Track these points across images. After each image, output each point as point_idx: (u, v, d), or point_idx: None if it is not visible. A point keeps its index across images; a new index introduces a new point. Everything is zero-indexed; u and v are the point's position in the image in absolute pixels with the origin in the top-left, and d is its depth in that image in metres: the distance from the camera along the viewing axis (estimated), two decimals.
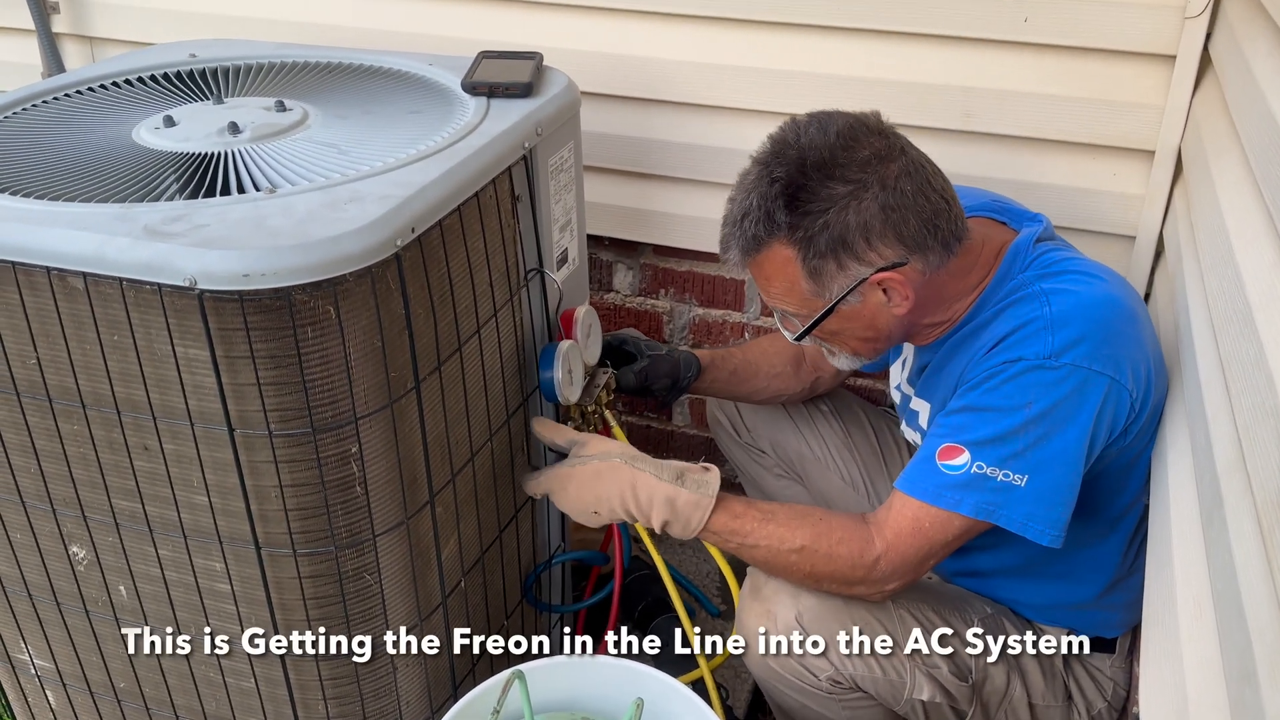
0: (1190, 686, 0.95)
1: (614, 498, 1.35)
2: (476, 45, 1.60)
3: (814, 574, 1.31)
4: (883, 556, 1.28)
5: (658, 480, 1.33)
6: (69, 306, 1.11)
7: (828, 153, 1.23)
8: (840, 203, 1.22)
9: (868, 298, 1.28)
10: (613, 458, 1.36)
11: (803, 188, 1.23)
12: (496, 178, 1.30)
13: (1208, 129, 1.45)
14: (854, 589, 1.32)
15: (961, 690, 1.40)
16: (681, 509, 1.32)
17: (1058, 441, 1.22)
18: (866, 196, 1.22)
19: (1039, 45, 1.61)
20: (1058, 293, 1.26)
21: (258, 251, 1.04)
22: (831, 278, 1.26)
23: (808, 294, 1.29)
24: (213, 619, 1.29)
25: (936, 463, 1.26)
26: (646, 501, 1.33)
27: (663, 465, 1.35)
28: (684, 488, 1.33)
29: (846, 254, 1.24)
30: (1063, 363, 1.21)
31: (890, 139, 1.26)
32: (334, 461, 1.15)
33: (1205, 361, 1.19)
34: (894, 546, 1.28)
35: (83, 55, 2.26)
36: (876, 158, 1.23)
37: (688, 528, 1.33)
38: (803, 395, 1.77)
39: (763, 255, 1.28)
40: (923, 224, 1.24)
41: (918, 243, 1.25)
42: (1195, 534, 1.07)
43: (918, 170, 1.25)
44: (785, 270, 1.28)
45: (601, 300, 2.15)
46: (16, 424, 1.23)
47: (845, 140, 1.24)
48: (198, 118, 1.37)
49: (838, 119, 1.26)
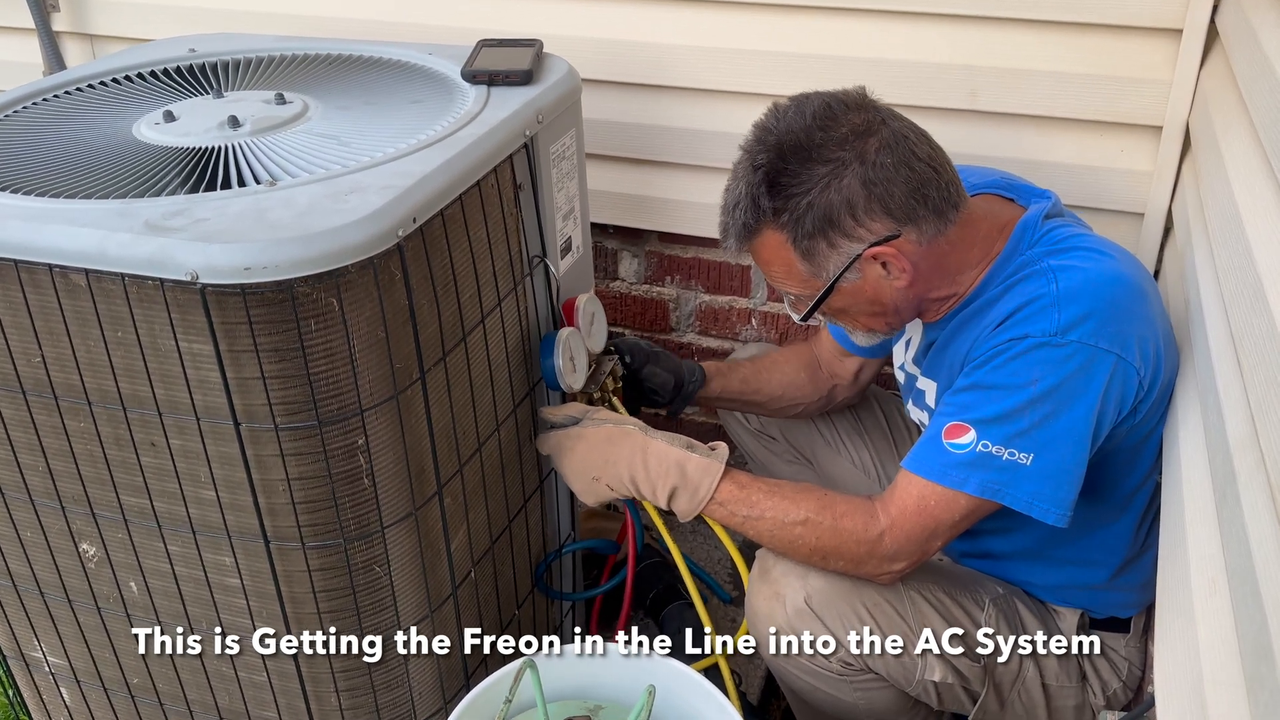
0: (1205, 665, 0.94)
1: (622, 462, 1.36)
2: (476, 34, 1.59)
3: (819, 549, 1.31)
4: (887, 532, 1.27)
5: (669, 446, 1.36)
6: (72, 303, 1.11)
7: (804, 135, 1.24)
8: (821, 183, 1.23)
9: (866, 273, 1.28)
10: (626, 425, 1.39)
11: (783, 171, 1.24)
12: (498, 166, 1.29)
13: (1216, 103, 1.44)
14: (862, 567, 1.31)
15: (974, 671, 1.39)
16: (691, 473, 1.34)
17: (1064, 419, 1.21)
18: (846, 174, 1.23)
19: (1044, 22, 1.59)
20: (1065, 269, 1.25)
21: (259, 244, 1.04)
22: (825, 257, 1.27)
23: (806, 275, 1.30)
24: (223, 614, 1.29)
25: (942, 441, 1.25)
26: (656, 467, 1.35)
27: (673, 437, 1.38)
28: (695, 454, 1.35)
29: (835, 232, 1.25)
30: (1069, 340, 1.21)
31: (870, 113, 1.26)
32: (341, 454, 1.15)
33: (1216, 337, 1.18)
34: (898, 523, 1.27)
35: (83, 53, 2.26)
36: (854, 134, 1.24)
37: (695, 495, 1.33)
38: (821, 405, 1.75)
39: (757, 241, 1.30)
40: (910, 194, 1.24)
41: (907, 213, 1.25)
42: (1209, 511, 1.06)
43: (899, 142, 1.25)
44: (780, 254, 1.29)
45: (607, 288, 2.15)
46: (23, 422, 1.23)
47: (821, 120, 1.25)
48: (198, 112, 1.37)
49: (814, 100, 1.27)
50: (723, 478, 1.34)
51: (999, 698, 1.44)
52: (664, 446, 1.36)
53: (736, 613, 1.92)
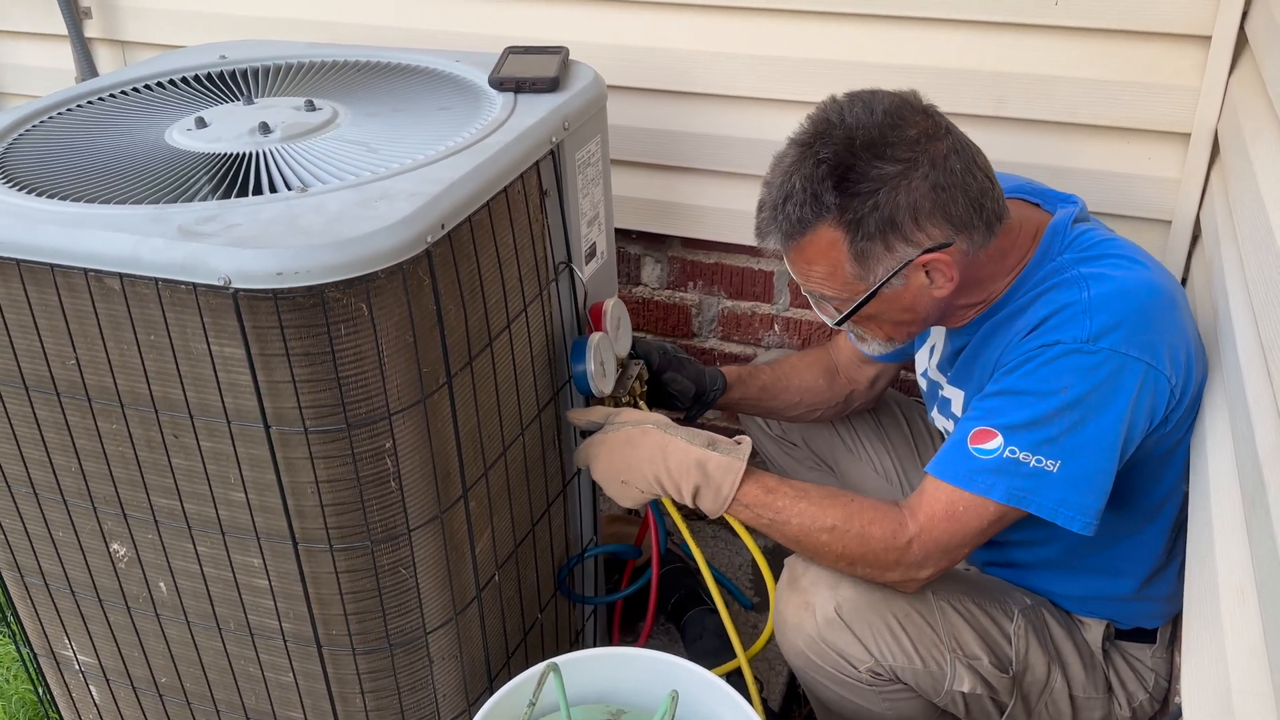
0: (1234, 676, 0.93)
1: (644, 463, 1.35)
2: (503, 41, 1.60)
3: (846, 555, 1.30)
4: (915, 539, 1.26)
5: (689, 444, 1.34)
6: (106, 307, 1.13)
7: (876, 131, 1.20)
8: (891, 182, 1.20)
9: (911, 280, 1.26)
10: (645, 424, 1.37)
11: (851, 168, 1.20)
12: (525, 173, 1.30)
13: (1245, 110, 1.43)
14: (888, 574, 1.30)
15: (1002, 682, 1.38)
16: (713, 472, 1.32)
17: (1092, 427, 1.20)
18: (916, 175, 1.20)
19: (1070, 28, 1.59)
20: (1096, 278, 1.24)
21: (291, 250, 1.05)
22: (878, 260, 1.24)
23: (851, 277, 1.27)
24: (251, 614, 1.30)
25: (968, 447, 1.24)
26: (678, 466, 1.33)
27: (695, 433, 1.36)
28: (716, 451, 1.33)
29: (895, 235, 1.22)
30: (1100, 347, 1.20)
31: (935, 118, 1.24)
32: (368, 457, 1.16)
33: (1245, 346, 1.17)
34: (927, 530, 1.26)
35: (115, 59, 2.29)
36: (925, 136, 1.21)
37: (719, 495, 1.33)
38: (838, 410, 1.74)
39: (807, 239, 1.26)
40: (970, 203, 1.23)
41: (964, 222, 1.23)
42: (1237, 521, 1.05)
43: (964, 149, 1.24)
44: (830, 253, 1.25)
45: (630, 294, 2.15)
46: (57, 424, 1.25)
47: (893, 119, 1.21)
48: (229, 118, 1.39)
49: (883, 97, 1.24)
50: (746, 477, 1.32)
51: (1026, 708, 1.43)
52: (684, 445, 1.34)
53: (758, 618, 1.92)
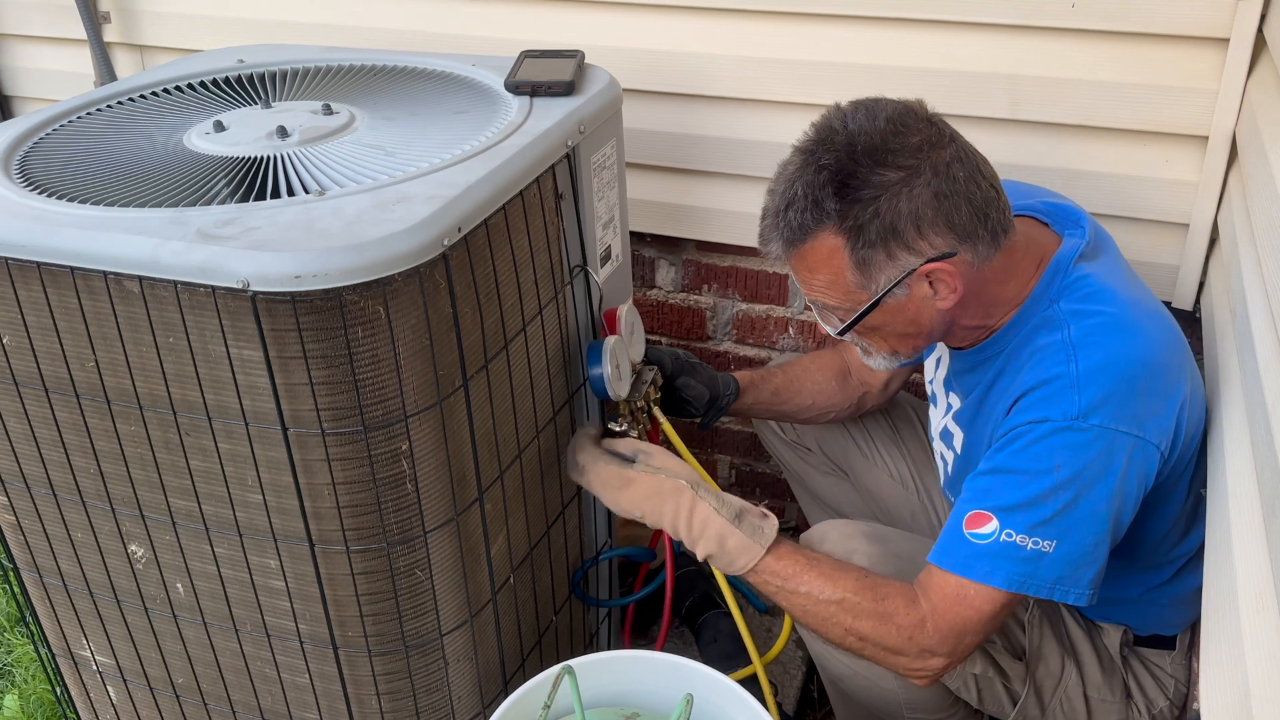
0: (1253, 682, 0.93)
1: (667, 516, 1.34)
2: (518, 45, 1.60)
3: (854, 629, 1.26)
4: (928, 618, 1.23)
5: (715, 514, 1.32)
6: (125, 310, 1.14)
7: (878, 138, 1.20)
8: (892, 189, 1.19)
9: (914, 290, 1.25)
10: (679, 478, 1.35)
11: (853, 174, 1.20)
12: (540, 176, 1.31)
13: (1264, 113, 1.42)
14: (896, 657, 1.26)
15: (1015, 669, 1.37)
16: (730, 550, 1.31)
17: (1085, 505, 1.18)
18: (918, 183, 1.19)
19: (1087, 31, 1.58)
20: (1085, 344, 1.21)
21: (309, 253, 1.06)
22: (880, 269, 1.23)
23: (853, 286, 1.26)
24: (268, 615, 1.31)
25: (964, 533, 1.22)
26: (699, 529, 1.32)
27: (725, 500, 1.34)
28: (739, 529, 1.31)
29: (897, 243, 1.21)
30: (1090, 424, 1.17)
31: (938, 126, 1.24)
32: (385, 459, 1.16)
33: (1264, 350, 1.16)
34: (939, 611, 1.23)
35: (133, 63, 2.31)
36: (928, 144, 1.20)
37: (730, 567, 1.32)
38: (851, 412, 1.74)
39: (807, 246, 1.25)
40: (974, 212, 1.22)
41: (968, 232, 1.22)
42: (1256, 527, 1.05)
43: (968, 157, 1.23)
44: (831, 261, 1.25)
45: (644, 297, 2.15)
46: (76, 425, 1.26)
47: (895, 126, 1.21)
48: (247, 122, 1.40)
49: (886, 105, 1.23)
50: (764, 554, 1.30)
51: (1040, 704, 1.42)
52: (709, 513, 1.32)
53: (773, 622, 1.92)
